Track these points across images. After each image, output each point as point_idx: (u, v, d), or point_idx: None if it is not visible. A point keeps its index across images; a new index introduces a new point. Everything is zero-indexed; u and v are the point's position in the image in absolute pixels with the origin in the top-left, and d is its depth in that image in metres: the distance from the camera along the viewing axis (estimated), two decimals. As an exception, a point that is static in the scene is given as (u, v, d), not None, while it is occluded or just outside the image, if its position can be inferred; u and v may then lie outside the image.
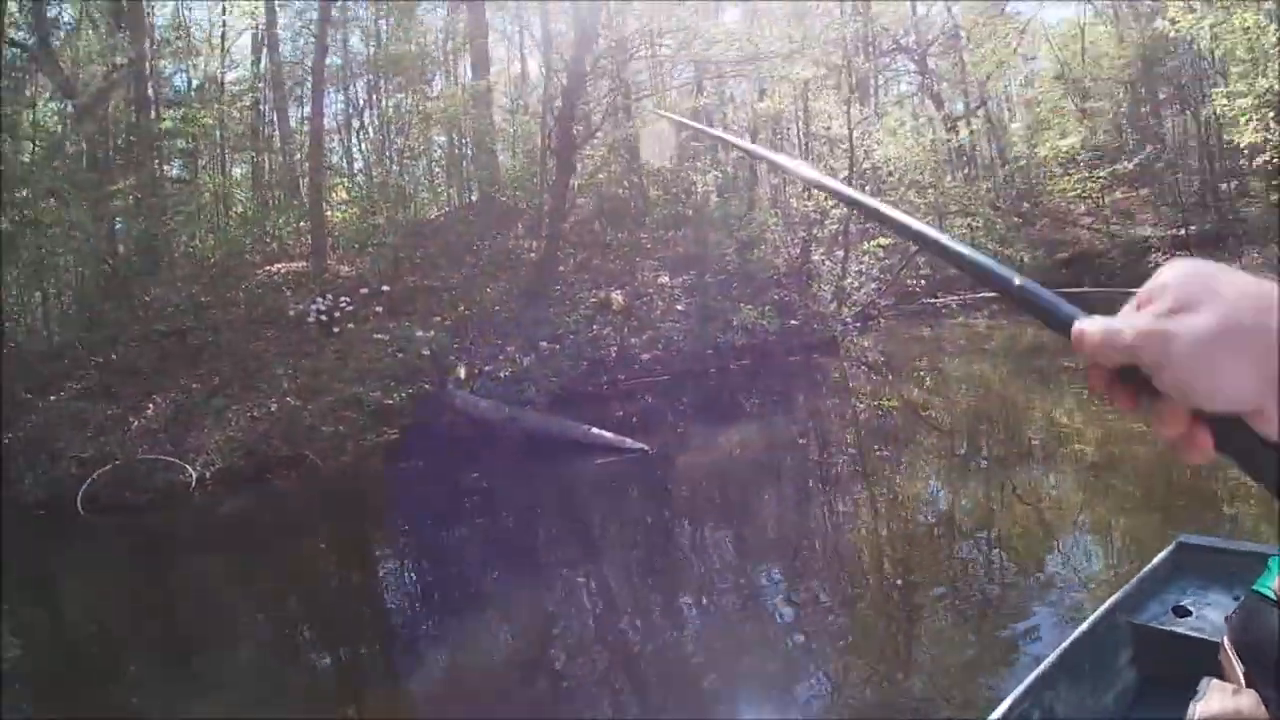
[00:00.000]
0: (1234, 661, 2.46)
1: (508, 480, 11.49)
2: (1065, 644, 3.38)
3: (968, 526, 7.72)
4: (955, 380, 15.15)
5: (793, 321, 17.56)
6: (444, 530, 9.97)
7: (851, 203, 0.83)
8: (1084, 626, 3.50)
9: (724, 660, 5.69)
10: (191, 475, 11.90)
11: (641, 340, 16.21)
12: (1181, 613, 3.69)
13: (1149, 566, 3.97)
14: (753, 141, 20.97)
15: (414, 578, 8.81)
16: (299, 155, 20.54)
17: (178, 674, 6.61)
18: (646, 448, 11.19)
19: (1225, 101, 19.92)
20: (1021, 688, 3.11)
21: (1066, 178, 26.16)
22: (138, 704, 6.14)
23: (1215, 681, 2.46)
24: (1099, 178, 25.50)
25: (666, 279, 18.15)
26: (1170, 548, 4.11)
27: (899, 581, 6.65)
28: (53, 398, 13.62)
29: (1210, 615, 3.59)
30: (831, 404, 14.38)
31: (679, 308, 17.37)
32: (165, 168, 19.26)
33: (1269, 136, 18.74)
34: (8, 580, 9.87)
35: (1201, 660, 2.65)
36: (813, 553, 7.75)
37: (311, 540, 10.26)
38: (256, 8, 20.64)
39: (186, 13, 21.85)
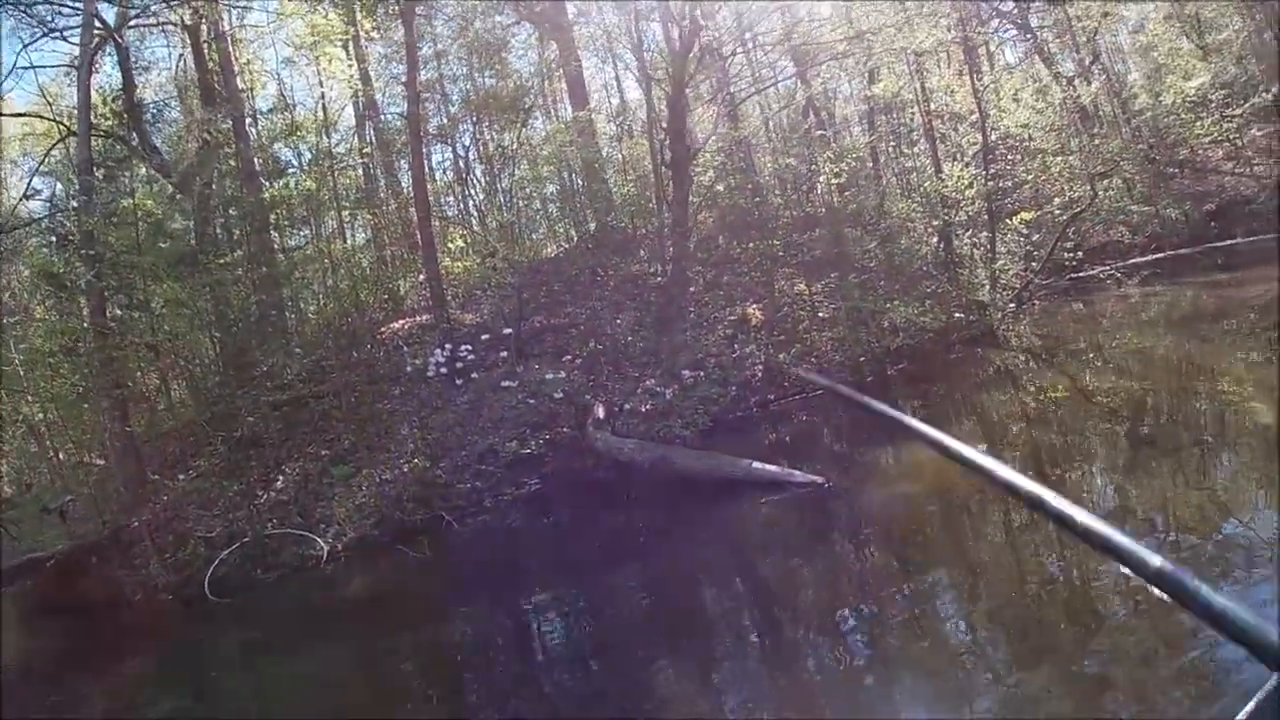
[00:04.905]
0: None
1: (663, 529, 9.52)
2: (1249, 705, 2.99)
3: (1146, 541, 5.81)
4: (1126, 361, 12.88)
5: (957, 314, 15.24)
6: (596, 593, 8.17)
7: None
8: (1273, 679, 3.09)
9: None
10: (322, 548, 10.53)
11: (789, 355, 14.10)
12: None
13: None
14: (872, 130, 18.89)
15: (566, 651, 7.15)
16: (412, 210, 19.43)
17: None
18: (821, 479, 9.00)
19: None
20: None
21: (1199, 122, 22.99)
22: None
23: None
24: (1234, 116, 22.22)
25: (804, 286, 16.07)
26: None
27: (1078, 622, 5.37)
28: (180, 477, 12.62)
29: None
30: (1006, 402, 12.06)
31: (822, 315, 15.27)
32: (281, 238, 18.34)
33: None
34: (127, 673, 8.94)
35: None
36: (1031, 589, 6.07)
37: (452, 611, 8.64)
38: (353, 74, 19.55)
39: (289, 93, 21.51)
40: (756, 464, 9.58)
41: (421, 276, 17.10)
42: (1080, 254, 18.92)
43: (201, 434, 13.44)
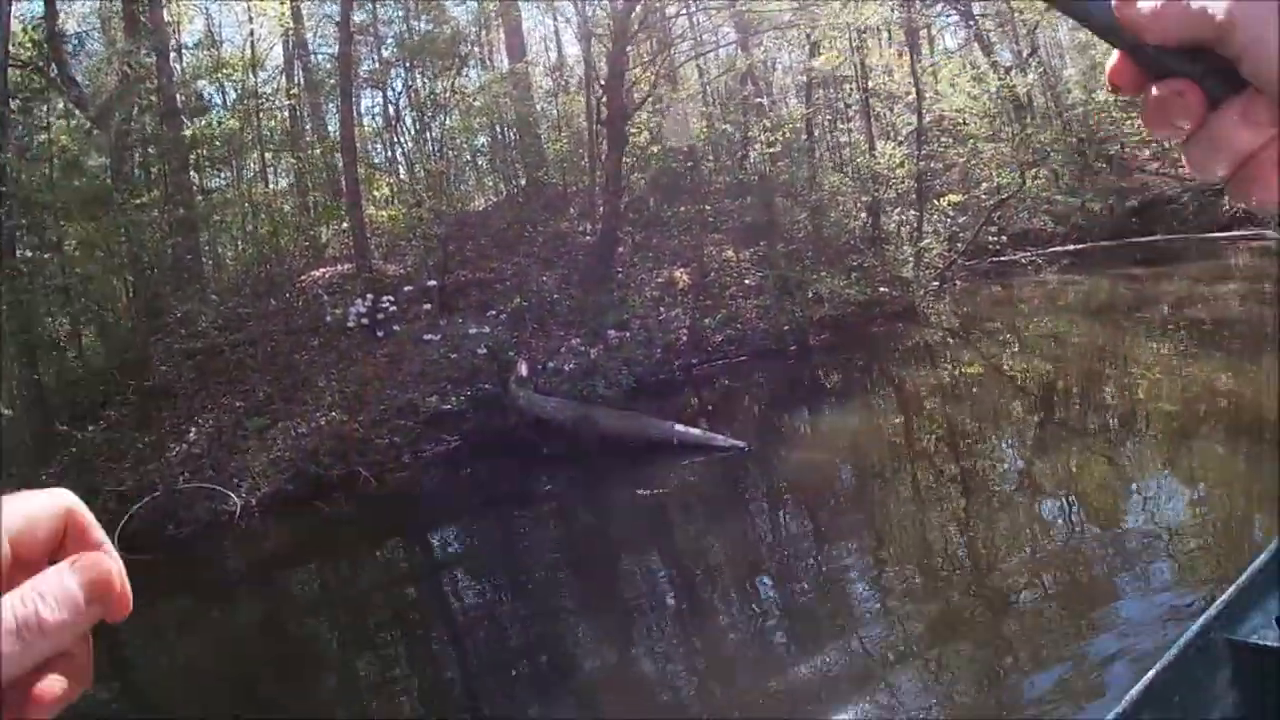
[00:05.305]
0: None
1: (584, 489, 9.61)
2: (1149, 674, 2.81)
3: (1055, 518, 6.72)
4: (1041, 344, 13.54)
5: (882, 289, 15.52)
6: (514, 551, 8.17)
7: None
8: (1173, 650, 2.93)
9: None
10: (236, 503, 10.15)
11: (715, 320, 14.22)
12: None
13: (1248, 571, 3.33)
14: (808, 104, 18.91)
15: (481, 612, 7.14)
16: (338, 155, 18.93)
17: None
18: (743, 444, 9.10)
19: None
20: None
21: (1130, 121, 23.74)
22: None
23: None
24: None
25: (732, 253, 16.16)
26: (1272, 546, 3.48)
27: (987, 588, 5.69)
28: (90, 428, 12.07)
29: None
30: (923, 377, 12.43)
31: (748, 282, 15.38)
32: (201, 179, 17.74)
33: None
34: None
35: None
36: (938, 560, 6.41)
37: (366, 570, 8.58)
38: (284, 12, 18.90)
39: (216, 29, 20.72)
40: (679, 426, 9.63)
41: (344, 224, 16.60)
42: (1004, 239, 19.47)
43: (112, 383, 12.98)
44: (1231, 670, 3.08)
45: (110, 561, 0.41)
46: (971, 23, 26.59)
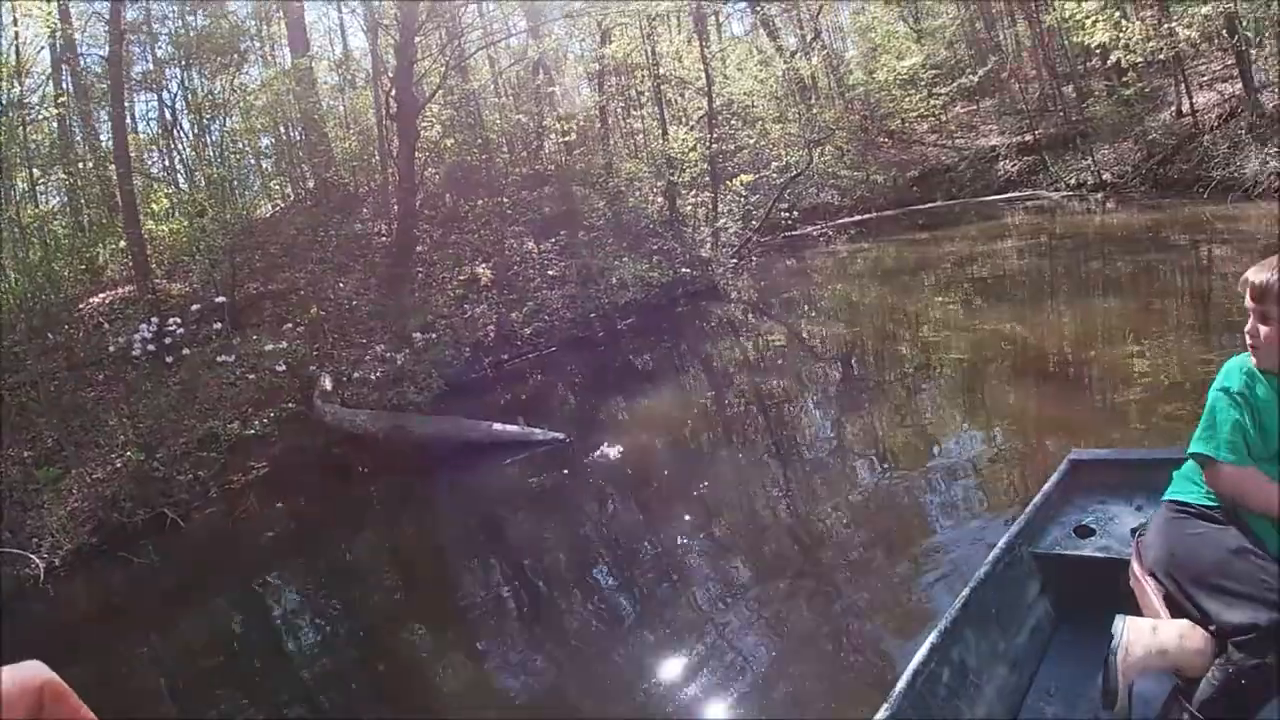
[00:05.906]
0: (1146, 584, 2.40)
1: (404, 500, 9.46)
2: (966, 590, 3.11)
3: (867, 467, 7.27)
4: (836, 308, 14.47)
5: (684, 270, 16.07)
6: (340, 573, 7.94)
7: None
8: (983, 568, 3.24)
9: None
10: (38, 565, 9.36)
11: (521, 314, 14.30)
12: (1084, 533, 3.50)
13: (1043, 490, 3.74)
14: (601, 91, 19.16)
15: (316, 637, 6.95)
16: (111, 167, 17.72)
17: None
18: (562, 435, 9.31)
19: (1074, 4, 18.70)
20: (925, 647, 2.82)
21: (908, 98, 25.49)
22: None
23: (1130, 621, 2.34)
24: (939, 94, 24.95)
25: (533, 244, 16.25)
26: (1063, 466, 3.89)
27: (811, 541, 6.04)
28: None
29: (1114, 530, 3.43)
30: (729, 349, 13.09)
31: (551, 273, 15.55)
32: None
33: (1119, 35, 17.86)
34: None
35: (1113, 580, 2.69)
36: (761, 521, 6.75)
37: (189, 615, 8.04)
38: (50, 11, 17.48)
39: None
40: (496, 425, 9.69)
41: (122, 242, 15.65)
42: (795, 214, 20.51)
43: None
44: (1039, 580, 3.42)
45: None
46: (757, 9, 27.63)
